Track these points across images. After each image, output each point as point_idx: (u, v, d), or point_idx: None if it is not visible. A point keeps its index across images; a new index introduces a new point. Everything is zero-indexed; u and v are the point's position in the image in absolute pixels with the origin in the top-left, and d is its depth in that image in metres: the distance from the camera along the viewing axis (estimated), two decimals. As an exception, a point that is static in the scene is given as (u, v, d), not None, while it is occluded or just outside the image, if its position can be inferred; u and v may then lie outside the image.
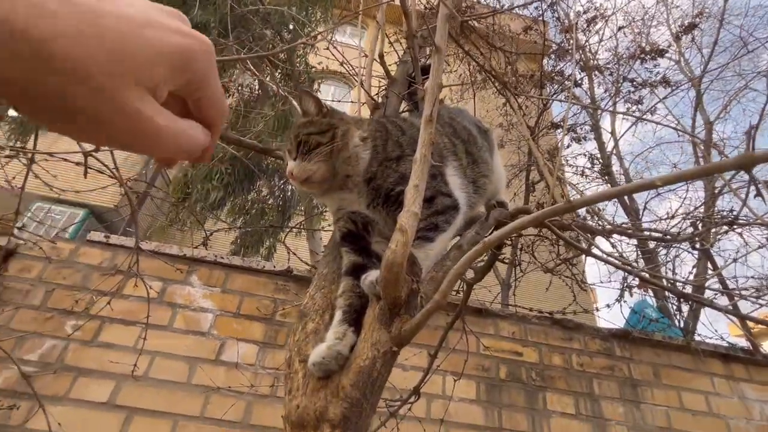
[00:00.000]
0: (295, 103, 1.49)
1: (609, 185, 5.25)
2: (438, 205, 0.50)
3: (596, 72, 5.39)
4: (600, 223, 1.41)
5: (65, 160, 0.92)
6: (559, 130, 5.11)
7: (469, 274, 1.02)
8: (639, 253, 2.05)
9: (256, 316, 1.32)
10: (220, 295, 1.34)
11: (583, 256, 1.46)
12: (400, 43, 1.17)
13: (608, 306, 1.67)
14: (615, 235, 1.45)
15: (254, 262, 1.43)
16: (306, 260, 1.82)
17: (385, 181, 0.51)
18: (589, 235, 1.23)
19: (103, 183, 1.08)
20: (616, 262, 0.97)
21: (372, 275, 0.43)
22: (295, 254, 1.50)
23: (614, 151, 5.33)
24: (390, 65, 1.19)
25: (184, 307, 1.29)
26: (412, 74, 0.97)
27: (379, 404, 0.99)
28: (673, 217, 1.61)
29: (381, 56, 0.93)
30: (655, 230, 1.77)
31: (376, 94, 1.05)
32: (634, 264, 1.36)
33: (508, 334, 1.48)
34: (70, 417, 1.06)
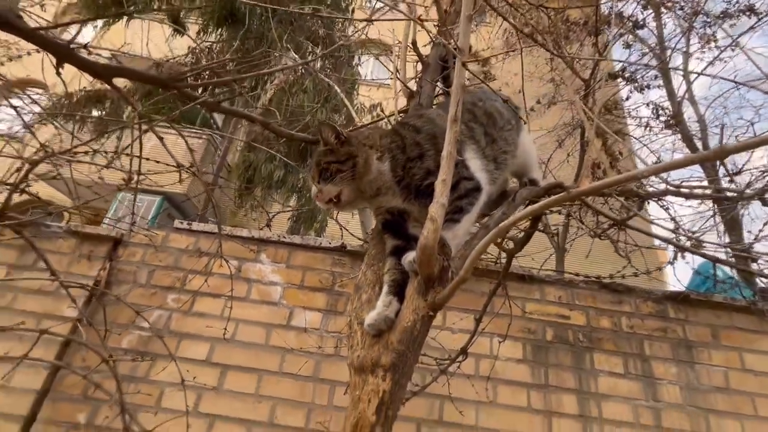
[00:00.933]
0: (336, 87, 1.58)
1: (679, 135, 4.76)
2: (461, 190, 0.57)
3: (664, 7, 4.78)
4: (646, 187, 1.36)
5: (145, 159, 1.11)
6: (619, 80, 4.68)
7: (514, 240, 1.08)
8: (717, 213, 1.90)
9: (317, 288, 1.50)
10: (286, 270, 1.52)
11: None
12: (434, 25, 1.20)
13: (659, 269, 1.63)
14: (669, 197, 1.41)
15: (312, 240, 1.60)
16: (358, 234, 1.96)
17: (413, 179, 0.59)
18: (635, 199, 1.21)
19: (176, 175, 1.26)
20: (653, 231, 0.97)
21: (410, 256, 0.53)
22: (346, 230, 1.64)
23: (686, 96, 4.79)
24: (424, 45, 1.22)
25: (257, 281, 1.49)
26: (445, 57, 1.01)
27: (430, 362, 1.11)
28: (739, 173, 1.49)
29: (414, 43, 0.98)
30: (721, 188, 1.66)
31: (412, 78, 1.10)
32: (681, 230, 1.31)
33: (554, 298, 1.53)
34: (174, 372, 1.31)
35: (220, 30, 5.27)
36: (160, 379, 1.29)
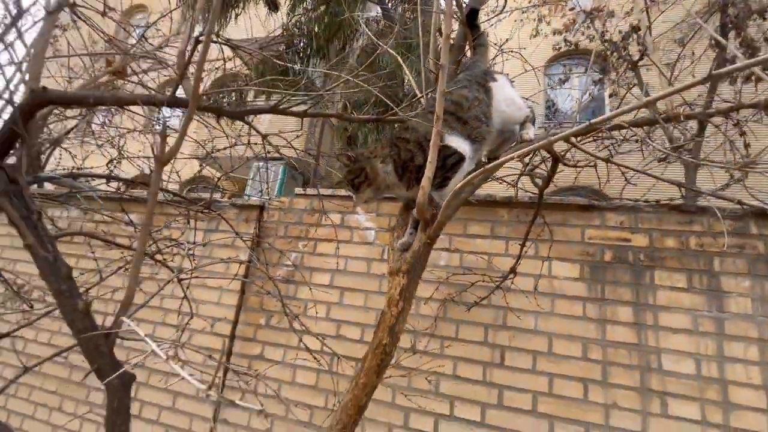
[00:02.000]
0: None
1: None
2: (447, 166, 0.85)
3: None
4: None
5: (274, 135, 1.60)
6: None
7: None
8: None
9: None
10: (376, 218, 1.96)
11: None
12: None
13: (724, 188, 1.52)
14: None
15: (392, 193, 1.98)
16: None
17: (411, 174, 0.87)
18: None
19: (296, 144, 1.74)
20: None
21: (414, 210, 0.85)
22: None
23: None
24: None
25: (356, 228, 1.96)
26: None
27: (485, 280, 1.43)
28: None
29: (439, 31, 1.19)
30: None
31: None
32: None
33: (615, 224, 1.64)
34: (310, 294, 1.91)
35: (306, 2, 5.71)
36: (302, 297, 1.91)
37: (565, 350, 1.54)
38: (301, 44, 7.08)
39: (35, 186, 2.29)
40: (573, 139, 1.05)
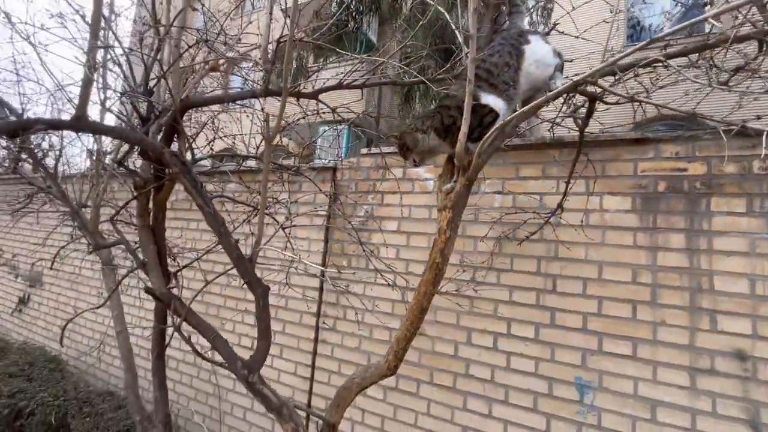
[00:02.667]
0: None
1: None
2: (484, 123, 1.02)
3: None
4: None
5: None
6: None
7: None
8: None
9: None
10: (434, 169, 2.17)
11: None
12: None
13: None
14: None
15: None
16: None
17: (454, 135, 1.05)
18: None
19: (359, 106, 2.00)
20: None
21: (455, 159, 1.06)
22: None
23: None
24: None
25: (417, 179, 2.20)
26: None
27: (536, 217, 1.60)
28: None
29: None
30: None
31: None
32: None
33: (670, 154, 1.66)
34: (382, 239, 2.23)
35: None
36: (374, 241, 2.25)
37: (614, 276, 1.68)
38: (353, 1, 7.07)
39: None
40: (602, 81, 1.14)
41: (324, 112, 2.07)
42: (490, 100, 1.05)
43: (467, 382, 1.91)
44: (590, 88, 1.25)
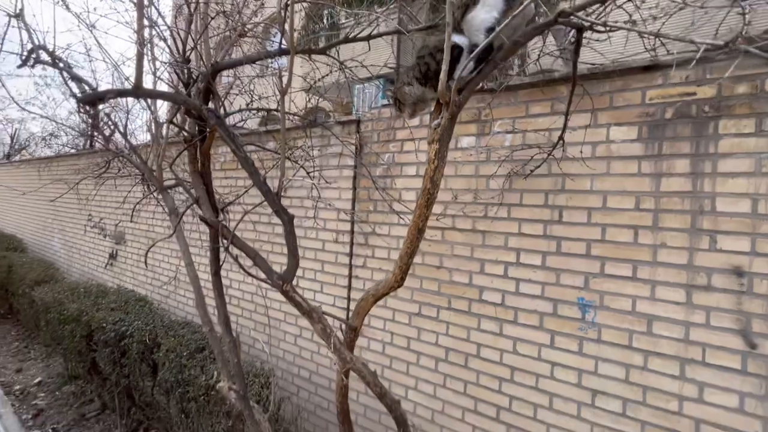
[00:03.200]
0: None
1: None
2: (455, 58, 1.14)
3: None
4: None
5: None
6: None
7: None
8: None
9: (469, 120, 2.20)
10: (449, 114, 2.28)
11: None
12: None
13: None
14: None
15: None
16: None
17: (432, 80, 1.17)
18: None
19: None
20: None
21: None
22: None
23: None
24: None
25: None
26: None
27: (536, 153, 1.71)
28: None
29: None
30: None
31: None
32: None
33: (680, 79, 1.64)
34: (403, 183, 2.42)
35: None
36: (397, 185, 2.45)
37: (618, 204, 1.76)
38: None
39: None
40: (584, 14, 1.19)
41: (354, 67, 2.23)
42: (456, 39, 1.16)
43: (481, 307, 2.13)
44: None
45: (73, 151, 6.37)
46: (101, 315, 3.13)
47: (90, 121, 2.38)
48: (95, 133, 2.85)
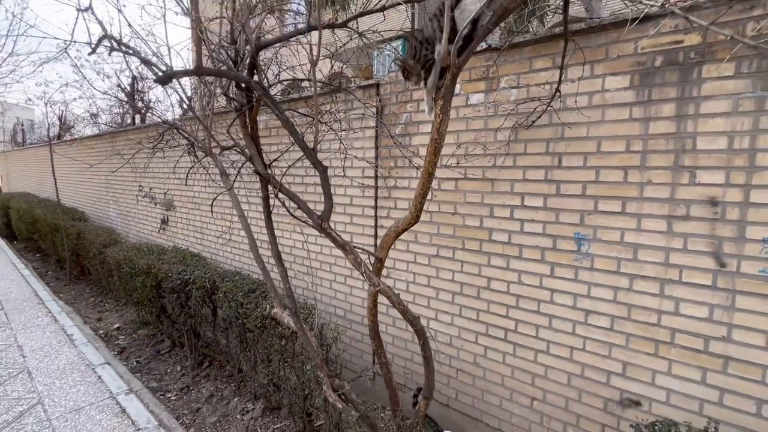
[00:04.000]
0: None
1: None
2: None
3: None
4: None
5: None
6: None
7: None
8: None
9: (479, 78, 2.40)
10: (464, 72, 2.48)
11: None
12: None
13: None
14: None
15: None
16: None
17: (423, 67, 1.42)
18: None
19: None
20: None
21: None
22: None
23: None
24: None
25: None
26: None
27: (537, 105, 1.94)
28: None
29: None
30: None
31: None
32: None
33: (669, 28, 1.79)
34: (420, 140, 2.68)
35: None
36: (414, 143, 2.72)
37: (610, 148, 1.97)
38: None
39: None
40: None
41: (374, 36, 2.46)
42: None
43: (490, 246, 2.43)
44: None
45: (111, 128, 6.93)
46: (166, 267, 3.67)
47: (133, 99, 2.74)
48: (149, 109, 3.22)
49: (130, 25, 2.04)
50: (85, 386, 3.21)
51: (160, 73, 1.69)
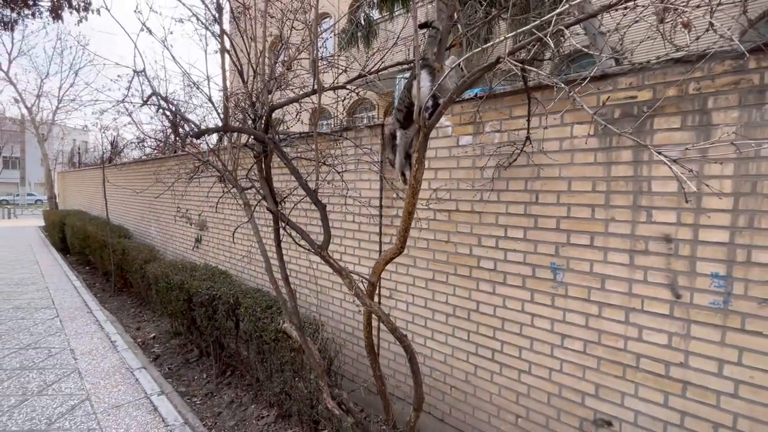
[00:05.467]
0: None
1: None
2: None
3: None
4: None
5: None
6: None
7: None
8: None
9: (467, 122, 2.70)
10: (452, 117, 2.79)
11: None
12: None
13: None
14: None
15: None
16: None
17: (401, 116, 1.75)
18: None
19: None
20: None
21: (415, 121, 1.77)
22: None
23: None
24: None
25: (440, 127, 2.86)
26: None
27: (515, 149, 2.23)
28: None
29: None
30: None
31: None
32: None
33: (625, 85, 2.03)
34: (420, 174, 2.99)
35: None
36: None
37: (579, 187, 2.20)
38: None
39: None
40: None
41: (363, 90, 2.83)
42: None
43: (479, 272, 2.67)
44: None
45: (158, 154, 7.71)
46: (197, 283, 4.11)
47: (175, 127, 3.20)
48: (188, 146, 3.73)
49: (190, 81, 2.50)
50: (125, 386, 3.64)
51: (195, 129, 2.11)
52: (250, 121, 2.11)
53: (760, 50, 1.65)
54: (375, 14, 8.28)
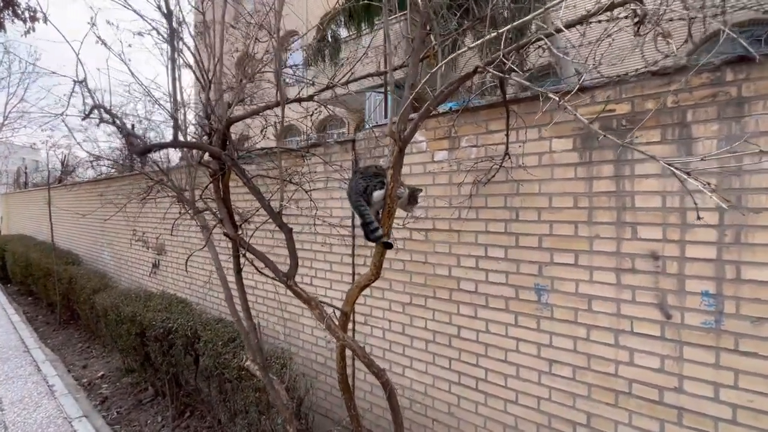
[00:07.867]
0: None
1: None
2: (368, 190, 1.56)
3: None
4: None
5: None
6: None
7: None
8: None
9: (442, 137, 2.59)
10: (425, 131, 2.67)
11: None
12: None
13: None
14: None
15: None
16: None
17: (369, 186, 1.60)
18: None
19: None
20: None
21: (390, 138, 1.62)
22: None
23: None
24: None
25: (414, 143, 2.73)
26: None
27: (493, 164, 2.11)
28: None
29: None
30: None
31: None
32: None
33: (603, 98, 1.98)
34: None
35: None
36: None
37: (560, 204, 2.11)
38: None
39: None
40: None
41: (330, 106, 2.67)
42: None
43: (459, 294, 2.51)
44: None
45: (115, 173, 7.18)
46: (151, 315, 3.71)
47: (135, 156, 2.92)
48: (141, 165, 3.41)
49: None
50: (61, 441, 3.17)
51: (141, 145, 1.85)
52: (205, 136, 1.89)
53: (744, 61, 1.63)
54: (343, 32, 8.27)
